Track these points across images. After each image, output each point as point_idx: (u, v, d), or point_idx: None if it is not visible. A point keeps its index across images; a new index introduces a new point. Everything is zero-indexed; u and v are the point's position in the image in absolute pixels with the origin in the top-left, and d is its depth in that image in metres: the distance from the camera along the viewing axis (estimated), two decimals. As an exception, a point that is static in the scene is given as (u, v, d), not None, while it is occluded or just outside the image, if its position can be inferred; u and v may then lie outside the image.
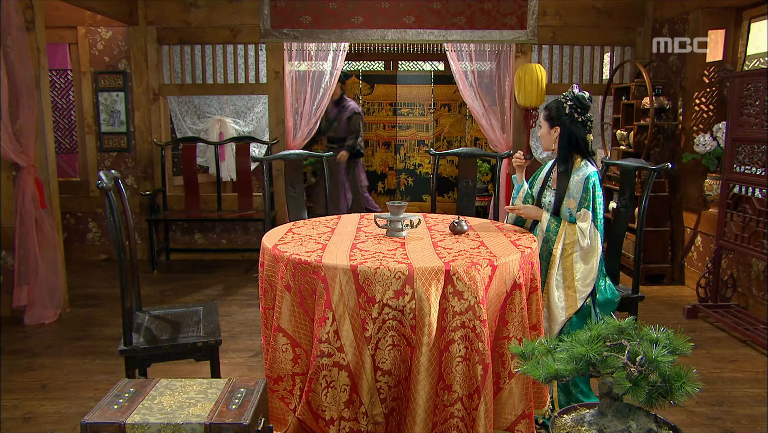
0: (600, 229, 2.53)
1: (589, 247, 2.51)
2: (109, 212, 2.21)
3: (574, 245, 2.53)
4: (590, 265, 2.52)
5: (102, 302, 4.41)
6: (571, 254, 2.53)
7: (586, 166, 2.60)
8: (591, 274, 2.52)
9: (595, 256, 2.52)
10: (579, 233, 2.52)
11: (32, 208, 3.90)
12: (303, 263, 2.13)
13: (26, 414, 2.75)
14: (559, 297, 2.52)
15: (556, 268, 2.54)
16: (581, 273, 2.52)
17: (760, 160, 3.67)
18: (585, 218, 2.53)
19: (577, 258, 2.53)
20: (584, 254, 2.52)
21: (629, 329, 1.70)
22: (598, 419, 1.71)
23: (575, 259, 2.53)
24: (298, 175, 3.54)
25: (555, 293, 2.52)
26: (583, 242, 2.51)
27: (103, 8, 4.85)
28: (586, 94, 2.63)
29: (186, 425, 1.62)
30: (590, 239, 2.51)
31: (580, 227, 2.53)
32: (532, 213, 2.71)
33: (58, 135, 5.71)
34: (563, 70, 5.58)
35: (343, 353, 2.05)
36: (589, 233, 2.51)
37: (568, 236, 2.54)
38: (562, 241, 2.55)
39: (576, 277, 2.52)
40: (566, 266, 2.54)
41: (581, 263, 2.53)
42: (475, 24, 5.25)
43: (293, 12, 5.22)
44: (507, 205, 2.83)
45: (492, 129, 5.53)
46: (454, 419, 2.04)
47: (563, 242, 2.55)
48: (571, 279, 2.52)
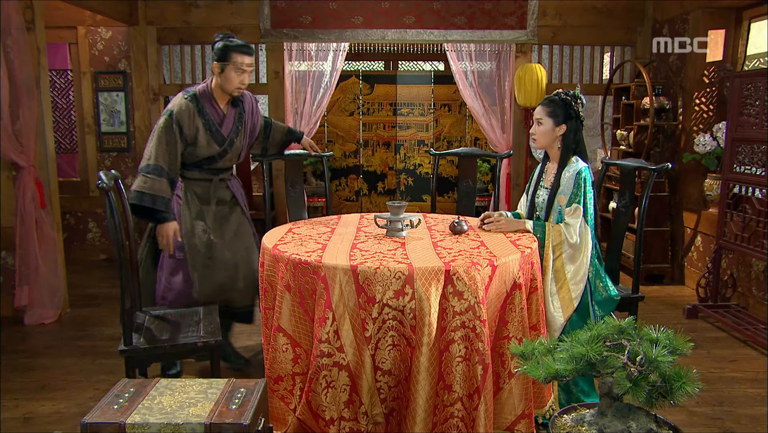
0: (590, 223, 2.53)
1: (578, 244, 2.50)
2: (109, 212, 2.21)
3: (561, 245, 2.52)
4: (579, 262, 2.52)
5: (102, 302, 4.40)
6: (560, 256, 2.53)
7: (577, 162, 2.61)
8: (581, 270, 2.52)
9: (584, 252, 2.51)
10: (566, 230, 2.51)
11: (32, 208, 3.90)
12: (303, 263, 2.13)
13: (26, 414, 2.75)
14: (555, 304, 2.51)
15: (549, 274, 2.52)
16: (572, 273, 2.52)
17: (760, 160, 3.66)
18: (576, 214, 2.52)
19: (566, 259, 2.52)
20: (572, 252, 2.52)
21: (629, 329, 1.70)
22: (598, 419, 1.71)
23: (564, 260, 2.52)
24: (298, 175, 3.54)
25: (549, 300, 2.51)
26: (571, 239, 2.50)
27: (103, 8, 4.85)
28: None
29: (186, 425, 1.62)
30: (579, 236, 2.50)
31: (569, 223, 2.52)
32: (513, 225, 2.64)
33: (58, 135, 5.70)
34: (563, 70, 5.58)
35: (343, 353, 2.05)
36: (579, 230, 2.50)
37: (555, 237, 2.53)
38: (551, 244, 2.53)
39: (568, 278, 2.52)
40: (557, 269, 2.53)
41: (570, 264, 2.52)
42: (475, 24, 5.25)
43: (293, 12, 5.22)
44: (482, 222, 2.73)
45: (492, 129, 5.53)
46: (454, 419, 2.04)
47: (552, 245, 2.53)
48: (563, 281, 2.52)
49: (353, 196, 6.86)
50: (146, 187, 2.70)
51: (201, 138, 2.86)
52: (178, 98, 2.86)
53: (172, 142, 2.77)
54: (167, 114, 2.80)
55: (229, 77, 2.83)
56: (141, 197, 2.69)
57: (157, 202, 2.71)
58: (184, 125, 2.80)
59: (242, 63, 2.82)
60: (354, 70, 6.91)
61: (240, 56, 2.81)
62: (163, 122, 2.78)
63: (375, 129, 6.75)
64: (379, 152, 6.78)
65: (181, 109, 2.81)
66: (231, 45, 2.82)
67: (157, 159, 2.73)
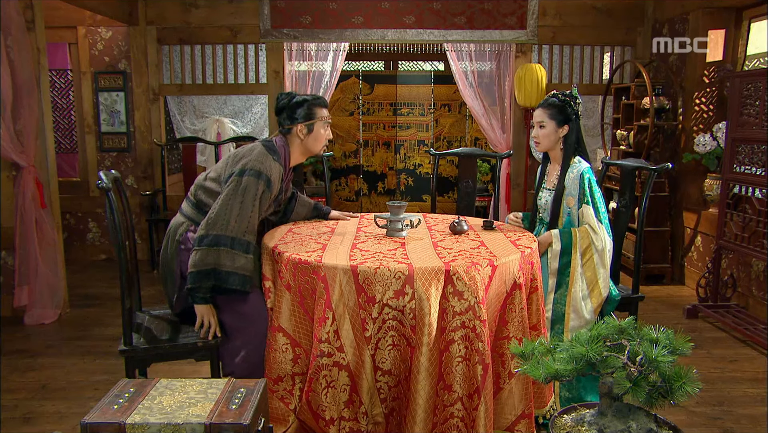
0: (605, 222, 2.54)
1: (603, 247, 2.51)
2: (109, 212, 2.21)
3: (591, 248, 2.52)
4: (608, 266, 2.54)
5: (102, 302, 4.40)
6: (590, 259, 2.52)
7: (579, 162, 2.62)
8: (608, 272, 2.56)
9: (609, 253, 2.54)
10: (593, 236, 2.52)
11: (32, 208, 3.89)
12: (303, 263, 2.13)
13: (26, 414, 2.75)
14: (587, 308, 2.51)
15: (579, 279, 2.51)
16: (603, 278, 2.52)
17: (760, 160, 3.66)
18: (589, 218, 2.53)
19: (598, 263, 2.51)
20: (600, 255, 2.52)
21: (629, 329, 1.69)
22: (598, 419, 1.71)
23: (596, 264, 2.52)
24: (298, 175, 3.54)
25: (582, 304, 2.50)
26: (596, 241, 2.51)
27: (103, 8, 4.85)
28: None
29: (186, 425, 1.62)
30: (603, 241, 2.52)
31: (590, 225, 2.52)
32: (545, 240, 2.62)
33: (58, 135, 5.71)
34: (563, 70, 5.58)
35: (343, 353, 2.05)
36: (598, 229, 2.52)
37: (583, 241, 2.53)
38: (579, 249, 2.53)
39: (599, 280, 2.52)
40: (588, 276, 2.52)
41: (601, 268, 2.52)
42: (475, 24, 5.25)
43: (293, 12, 5.22)
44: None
45: (492, 129, 5.53)
46: (454, 419, 2.04)
47: (580, 250, 2.53)
48: (595, 283, 2.52)
49: (353, 196, 6.86)
50: (248, 268, 2.26)
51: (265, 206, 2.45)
52: (266, 157, 2.37)
53: (259, 212, 2.35)
54: (255, 175, 2.30)
55: (318, 136, 2.51)
56: (245, 282, 2.26)
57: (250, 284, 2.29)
58: (273, 192, 2.41)
59: (328, 117, 2.55)
60: (354, 70, 6.92)
61: (324, 110, 2.54)
62: (253, 188, 2.29)
63: (375, 129, 6.75)
64: (379, 152, 6.78)
65: (275, 174, 2.39)
66: (312, 101, 2.51)
67: (245, 233, 2.28)
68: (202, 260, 2.22)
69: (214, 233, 2.23)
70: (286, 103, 2.50)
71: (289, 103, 2.49)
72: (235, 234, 2.24)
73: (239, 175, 2.30)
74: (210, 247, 2.22)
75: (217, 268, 2.22)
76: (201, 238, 2.25)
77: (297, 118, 2.48)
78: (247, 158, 2.35)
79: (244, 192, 2.27)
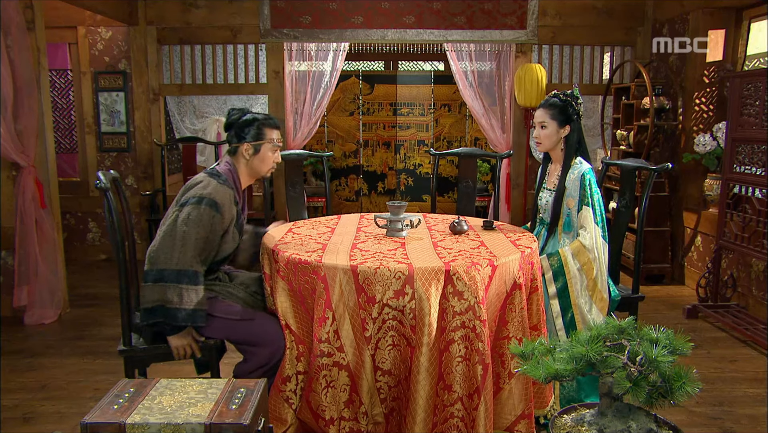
0: (600, 224, 2.53)
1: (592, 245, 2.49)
2: (108, 212, 2.21)
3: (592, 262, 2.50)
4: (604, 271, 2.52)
5: (102, 302, 4.40)
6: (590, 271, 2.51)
7: (580, 163, 2.61)
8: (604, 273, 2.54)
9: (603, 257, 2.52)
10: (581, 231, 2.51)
11: (32, 208, 3.90)
12: (303, 263, 2.13)
13: (26, 414, 2.75)
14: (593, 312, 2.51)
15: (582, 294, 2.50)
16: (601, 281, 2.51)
17: (760, 160, 3.66)
18: (586, 220, 2.52)
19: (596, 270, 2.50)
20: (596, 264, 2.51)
21: (629, 329, 1.69)
22: (598, 419, 1.71)
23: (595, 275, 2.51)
24: (298, 175, 3.54)
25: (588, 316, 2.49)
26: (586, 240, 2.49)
27: (103, 8, 4.85)
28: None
29: (186, 425, 1.62)
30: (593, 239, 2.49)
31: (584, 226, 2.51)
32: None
33: (58, 135, 5.71)
34: (563, 70, 5.58)
35: (343, 353, 2.05)
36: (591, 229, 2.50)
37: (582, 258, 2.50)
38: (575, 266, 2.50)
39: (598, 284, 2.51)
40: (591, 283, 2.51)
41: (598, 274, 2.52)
42: (475, 24, 5.25)
43: (293, 12, 5.23)
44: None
45: (492, 129, 5.53)
46: (454, 419, 2.04)
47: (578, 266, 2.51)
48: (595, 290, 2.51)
49: (353, 196, 6.86)
50: (199, 301, 2.16)
51: (230, 233, 2.32)
52: (209, 181, 2.26)
53: (212, 239, 2.22)
54: (197, 202, 2.18)
55: (265, 158, 2.38)
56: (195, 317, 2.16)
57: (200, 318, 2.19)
58: (225, 216, 2.25)
59: (278, 139, 2.41)
60: (354, 70, 6.92)
61: (275, 131, 2.40)
62: (195, 213, 2.16)
63: (375, 129, 6.75)
64: (379, 152, 6.78)
65: (222, 196, 2.24)
66: (263, 120, 2.38)
67: (192, 263, 2.16)
68: (147, 297, 2.14)
69: (157, 268, 2.13)
70: (235, 120, 2.38)
71: (238, 120, 2.37)
72: (181, 266, 2.13)
73: (180, 206, 2.21)
74: (155, 283, 2.13)
75: (164, 305, 2.13)
76: (145, 274, 2.15)
77: (245, 137, 2.35)
78: (191, 190, 2.26)
79: (187, 220, 2.16)
